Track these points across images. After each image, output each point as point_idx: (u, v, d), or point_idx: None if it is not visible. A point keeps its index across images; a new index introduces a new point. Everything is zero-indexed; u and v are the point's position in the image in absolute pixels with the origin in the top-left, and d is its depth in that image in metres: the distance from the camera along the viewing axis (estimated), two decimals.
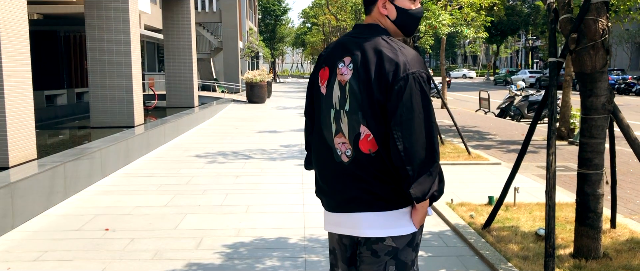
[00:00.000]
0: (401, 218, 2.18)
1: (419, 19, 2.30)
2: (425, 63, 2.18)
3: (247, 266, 4.33)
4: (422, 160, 2.07)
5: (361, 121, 2.15)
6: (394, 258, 2.20)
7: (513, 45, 67.26)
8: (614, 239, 4.85)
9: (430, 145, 2.09)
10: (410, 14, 2.25)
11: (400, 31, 2.28)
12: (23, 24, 8.02)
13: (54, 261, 4.46)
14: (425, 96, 2.10)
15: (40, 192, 5.97)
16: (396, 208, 2.17)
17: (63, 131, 14.58)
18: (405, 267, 2.22)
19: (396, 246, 2.19)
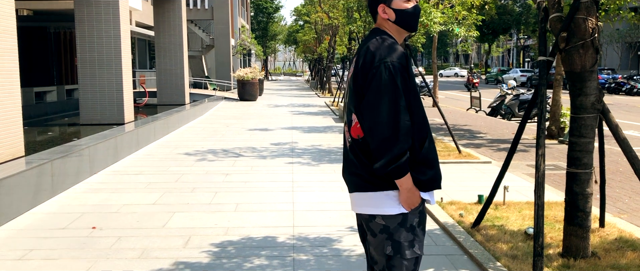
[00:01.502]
0: (388, 199, 2.38)
1: (416, 15, 2.50)
2: (406, 56, 2.40)
3: (235, 265, 4.30)
4: (385, 138, 2.26)
5: (352, 109, 2.44)
6: (389, 238, 2.40)
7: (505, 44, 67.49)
8: (602, 238, 4.86)
9: (395, 126, 2.26)
10: (406, 12, 2.46)
11: (403, 29, 2.50)
12: (10, 19, 7.92)
13: (39, 260, 4.40)
14: (393, 81, 2.30)
15: (26, 190, 5.90)
16: (382, 189, 2.37)
17: (52, 128, 14.46)
18: (400, 247, 2.39)
19: (387, 225, 2.39)
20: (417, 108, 2.38)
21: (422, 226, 2.46)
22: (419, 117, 2.38)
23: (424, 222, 2.48)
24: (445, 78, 60.74)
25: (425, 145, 2.40)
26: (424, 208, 2.49)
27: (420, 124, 2.39)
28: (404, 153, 2.29)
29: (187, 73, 21.04)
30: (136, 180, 7.54)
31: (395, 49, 2.37)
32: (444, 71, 67.89)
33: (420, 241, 2.44)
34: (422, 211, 2.46)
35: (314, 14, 28.09)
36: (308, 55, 48.34)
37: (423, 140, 2.39)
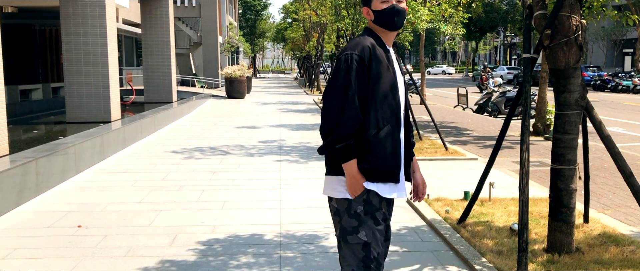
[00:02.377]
0: (339, 183, 2.56)
1: (392, 14, 2.59)
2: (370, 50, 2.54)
3: (221, 263, 4.29)
4: (329, 123, 2.47)
5: None
6: (339, 221, 2.60)
7: (492, 42, 67.84)
8: (586, 234, 4.91)
9: (340, 112, 2.45)
10: (383, 12, 2.58)
11: (383, 28, 2.63)
12: None
13: (23, 259, 4.37)
14: (346, 72, 2.48)
15: (10, 189, 5.85)
16: (337, 174, 2.56)
17: (38, 126, 14.33)
18: (344, 232, 2.56)
19: (338, 208, 2.59)
20: (377, 102, 2.50)
21: (370, 215, 2.53)
22: (378, 109, 2.50)
23: (374, 213, 2.54)
24: (433, 76, 60.95)
25: (380, 134, 2.50)
26: (373, 199, 2.54)
27: (383, 115, 2.51)
28: (343, 139, 2.44)
29: (175, 71, 20.94)
30: (122, 178, 7.50)
31: (361, 43, 2.55)
32: (432, 69, 68.11)
33: (368, 228, 2.51)
34: (369, 202, 2.53)
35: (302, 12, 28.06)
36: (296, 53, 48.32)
37: (375, 132, 2.50)
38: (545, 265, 4.16)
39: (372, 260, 2.51)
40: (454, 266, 4.24)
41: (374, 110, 2.50)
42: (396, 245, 4.72)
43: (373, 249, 2.51)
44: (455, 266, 4.25)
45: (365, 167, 2.49)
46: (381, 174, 2.52)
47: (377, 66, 2.52)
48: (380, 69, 2.52)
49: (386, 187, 2.56)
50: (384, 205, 2.61)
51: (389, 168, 2.54)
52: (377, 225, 2.54)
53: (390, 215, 2.72)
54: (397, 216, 5.56)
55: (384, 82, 2.53)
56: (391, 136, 2.53)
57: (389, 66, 2.57)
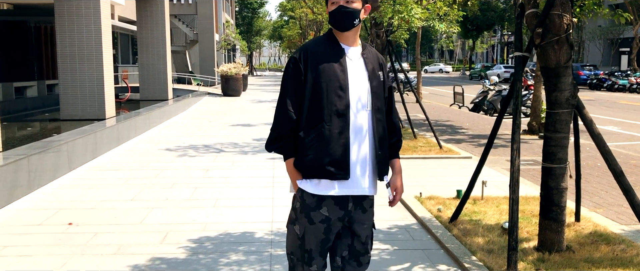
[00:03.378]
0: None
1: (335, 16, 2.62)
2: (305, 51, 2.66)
3: (211, 260, 4.28)
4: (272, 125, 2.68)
5: None
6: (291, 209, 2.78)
7: (489, 40, 67.90)
8: (578, 232, 4.91)
9: (276, 114, 2.65)
10: (330, 14, 2.65)
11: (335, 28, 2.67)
12: None
13: (13, 256, 4.35)
14: (285, 74, 2.66)
15: (2, 186, 5.82)
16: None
17: (32, 124, 14.30)
18: (288, 220, 2.76)
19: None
20: (317, 99, 2.57)
21: (304, 214, 2.63)
22: (311, 109, 2.58)
23: (309, 213, 2.62)
24: (430, 75, 60.98)
25: (311, 133, 2.58)
26: (307, 199, 2.63)
27: (319, 114, 2.57)
28: (277, 139, 2.63)
29: (170, 69, 20.90)
30: (115, 176, 7.48)
31: (303, 46, 2.71)
32: (429, 67, 68.10)
33: (301, 225, 2.65)
34: (304, 201, 2.64)
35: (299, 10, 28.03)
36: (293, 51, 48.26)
37: (308, 132, 2.58)
38: (535, 264, 4.16)
39: (305, 252, 2.67)
40: (444, 265, 4.24)
41: (308, 109, 2.59)
42: (386, 243, 4.72)
43: (306, 243, 2.66)
44: (445, 264, 4.25)
45: (299, 165, 2.61)
46: (314, 171, 2.58)
47: (315, 67, 2.58)
48: (318, 70, 2.58)
49: (322, 184, 2.60)
50: (329, 206, 2.62)
51: (319, 165, 2.56)
52: (311, 224, 2.62)
53: (360, 214, 2.71)
54: (388, 215, 5.56)
55: (322, 82, 2.57)
56: (327, 134, 2.55)
57: (338, 66, 2.60)
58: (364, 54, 2.70)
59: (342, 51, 2.64)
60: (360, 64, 2.67)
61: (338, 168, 2.57)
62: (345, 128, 2.58)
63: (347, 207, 2.66)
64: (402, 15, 8.66)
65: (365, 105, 2.64)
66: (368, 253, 2.79)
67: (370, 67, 2.68)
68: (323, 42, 2.66)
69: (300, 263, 2.71)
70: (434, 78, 51.88)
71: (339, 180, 2.58)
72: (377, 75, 2.70)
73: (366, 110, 2.64)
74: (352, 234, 2.73)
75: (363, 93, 2.64)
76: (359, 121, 2.62)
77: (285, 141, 2.63)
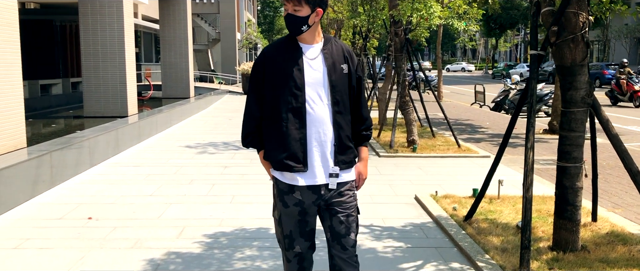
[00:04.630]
0: None
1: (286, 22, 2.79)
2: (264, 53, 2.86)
3: (225, 255, 4.35)
4: None
5: None
6: None
7: (512, 39, 67.14)
8: (594, 232, 4.86)
9: (244, 110, 2.87)
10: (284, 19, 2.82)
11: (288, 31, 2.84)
12: (13, 11, 7.99)
13: (33, 249, 4.47)
14: (250, 75, 2.87)
15: (25, 181, 5.97)
16: None
17: (56, 121, 14.57)
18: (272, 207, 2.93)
19: None
20: (272, 97, 2.75)
21: (279, 198, 2.80)
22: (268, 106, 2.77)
23: (283, 196, 2.78)
24: (452, 73, 60.56)
25: (271, 131, 2.77)
26: (280, 184, 2.79)
27: (275, 112, 2.74)
28: (245, 136, 2.88)
29: (192, 67, 21.10)
30: (135, 172, 7.60)
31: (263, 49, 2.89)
32: (451, 66, 67.63)
33: (278, 209, 2.83)
34: (277, 186, 2.81)
35: None
36: None
37: (270, 126, 2.77)
38: (549, 263, 4.14)
39: (285, 237, 2.84)
40: (457, 263, 4.24)
41: (267, 108, 2.78)
42: (400, 241, 4.73)
43: (284, 226, 2.82)
44: (458, 263, 4.25)
45: (267, 156, 2.82)
46: (276, 164, 2.76)
47: (272, 69, 2.76)
48: (275, 72, 2.75)
49: (282, 174, 2.77)
50: (302, 191, 2.75)
51: (279, 159, 2.73)
52: (285, 208, 2.78)
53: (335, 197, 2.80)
54: (403, 213, 5.58)
55: (277, 81, 2.74)
56: (283, 130, 2.72)
57: (295, 66, 2.74)
58: (325, 50, 2.81)
59: (300, 51, 2.78)
60: (319, 60, 2.79)
61: (296, 162, 2.72)
62: (302, 124, 2.73)
63: (320, 192, 2.77)
64: (421, 13, 8.64)
65: (323, 100, 2.77)
66: (349, 236, 2.82)
67: (330, 62, 2.79)
68: (282, 45, 2.82)
69: (284, 249, 2.87)
70: (456, 77, 51.51)
71: (297, 172, 2.72)
72: (338, 69, 2.81)
73: (324, 104, 2.77)
74: (330, 215, 2.81)
75: (320, 89, 2.77)
76: (318, 115, 2.75)
77: (252, 136, 2.86)
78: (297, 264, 2.87)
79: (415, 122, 9.88)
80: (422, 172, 7.66)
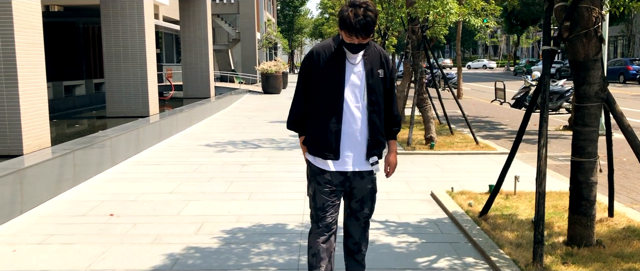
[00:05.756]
0: None
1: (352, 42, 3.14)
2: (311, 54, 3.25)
3: (243, 250, 4.44)
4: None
5: None
6: None
7: (534, 36, 66.38)
8: (610, 227, 4.85)
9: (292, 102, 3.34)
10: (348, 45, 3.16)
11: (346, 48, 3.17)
12: (37, 14, 8.20)
13: (57, 244, 4.61)
14: (299, 72, 3.29)
15: (49, 179, 6.14)
16: None
17: (80, 121, 14.85)
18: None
19: None
20: (315, 93, 3.18)
21: (313, 178, 3.27)
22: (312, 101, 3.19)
23: (316, 176, 3.25)
24: (473, 71, 60.10)
25: (311, 121, 3.21)
26: (313, 166, 3.26)
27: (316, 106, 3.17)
28: (291, 123, 3.34)
29: (212, 67, 21.31)
30: (156, 170, 7.75)
31: (311, 50, 3.27)
32: (472, 63, 67.11)
33: (312, 187, 3.29)
34: (311, 168, 3.29)
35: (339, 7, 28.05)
36: None
37: (310, 118, 3.22)
38: (563, 258, 4.15)
39: (318, 209, 3.28)
40: (470, 258, 4.27)
41: (311, 102, 3.21)
42: (415, 236, 4.78)
43: (317, 201, 3.27)
44: (472, 257, 4.29)
45: (306, 142, 3.27)
46: (313, 150, 3.22)
47: (319, 68, 3.15)
48: (320, 70, 3.15)
49: (316, 159, 3.23)
50: (331, 173, 3.21)
51: (316, 148, 3.19)
52: (319, 185, 3.25)
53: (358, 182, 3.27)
54: (419, 209, 5.62)
55: (321, 81, 3.15)
56: (321, 124, 3.15)
57: (338, 67, 3.13)
58: (365, 55, 3.18)
59: (344, 54, 3.15)
60: (360, 65, 3.17)
61: (329, 151, 3.17)
62: (338, 120, 3.14)
63: (348, 177, 3.24)
64: (438, 10, 8.64)
65: (359, 100, 3.16)
66: (363, 210, 3.35)
67: (368, 67, 3.17)
68: (329, 46, 3.19)
69: (315, 220, 3.31)
70: (476, 74, 51.12)
71: (329, 160, 3.17)
72: (375, 74, 3.20)
73: (361, 104, 3.17)
74: (351, 196, 3.32)
75: (358, 91, 3.16)
76: (354, 113, 3.16)
77: (296, 124, 3.33)
78: (327, 233, 3.29)
79: (433, 119, 9.89)
80: (439, 169, 7.68)
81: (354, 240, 3.44)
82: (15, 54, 7.62)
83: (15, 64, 7.62)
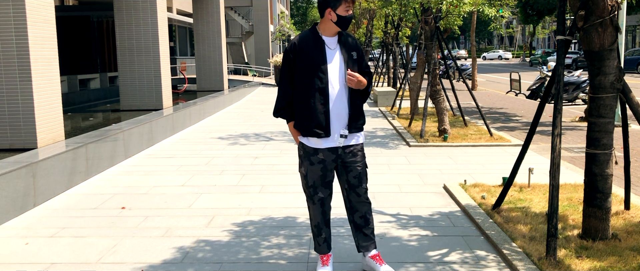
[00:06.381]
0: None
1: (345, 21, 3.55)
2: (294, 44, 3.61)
3: (253, 243, 4.42)
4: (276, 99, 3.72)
5: None
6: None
7: (550, 26, 65.58)
8: (626, 220, 4.77)
9: (278, 90, 3.67)
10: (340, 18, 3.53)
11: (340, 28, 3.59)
12: (49, 8, 8.23)
13: (69, 237, 4.63)
14: (283, 61, 3.63)
15: (62, 172, 6.18)
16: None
17: (93, 114, 14.95)
18: (298, 165, 3.79)
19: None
20: (299, 81, 3.54)
21: (307, 157, 3.63)
22: (299, 86, 3.54)
23: (309, 157, 3.62)
24: (489, 62, 59.58)
25: (299, 106, 3.57)
26: (306, 147, 3.62)
27: (300, 92, 3.55)
28: (278, 110, 3.68)
29: (225, 60, 21.32)
30: (168, 163, 7.77)
31: (292, 41, 3.62)
32: (487, 54, 66.53)
33: (304, 166, 3.67)
34: (303, 148, 3.65)
35: None
36: None
37: (298, 102, 3.57)
38: (577, 251, 4.08)
39: (309, 187, 3.71)
40: (482, 251, 4.22)
41: (298, 87, 3.56)
42: (426, 229, 4.73)
43: (309, 179, 3.68)
44: (484, 250, 4.23)
45: (297, 126, 3.62)
46: (305, 131, 3.58)
47: (302, 57, 3.53)
48: (303, 58, 3.52)
49: (308, 140, 3.59)
50: (323, 153, 3.59)
51: (309, 127, 3.54)
52: (311, 165, 3.63)
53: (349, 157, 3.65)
54: (431, 202, 5.56)
55: (305, 67, 3.51)
56: (312, 105, 3.51)
57: (319, 54, 3.51)
58: (341, 41, 3.59)
59: (322, 42, 3.55)
60: (336, 50, 3.58)
61: (320, 129, 3.54)
62: (325, 101, 3.53)
63: (337, 152, 3.62)
64: (451, 0, 8.54)
65: (341, 82, 3.57)
66: (361, 185, 3.69)
67: (344, 51, 3.58)
68: (308, 36, 3.58)
69: (309, 196, 3.71)
70: (492, 65, 50.67)
71: (322, 138, 3.55)
72: (350, 56, 3.60)
73: (342, 84, 3.57)
74: (346, 171, 3.67)
75: (339, 73, 3.56)
76: (338, 94, 3.56)
77: (284, 110, 3.66)
78: (321, 206, 3.72)
79: (447, 111, 9.80)
80: (453, 161, 7.61)
81: (360, 214, 3.73)
82: (29, 48, 7.66)
83: (28, 58, 7.65)
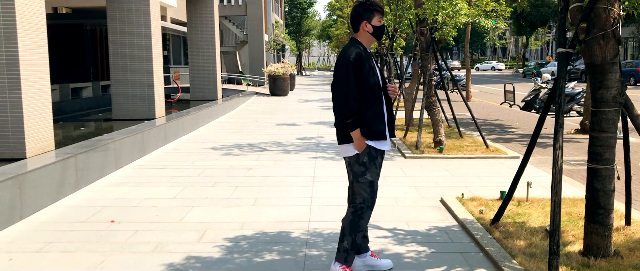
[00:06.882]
0: (350, 147, 3.83)
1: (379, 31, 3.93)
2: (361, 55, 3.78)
3: (245, 260, 4.29)
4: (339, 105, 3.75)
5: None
6: (351, 169, 3.89)
7: (543, 37, 65.88)
8: (628, 237, 4.67)
9: (343, 98, 3.72)
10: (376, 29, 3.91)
11: (376, 39, 4.00)
12: (40, 16, 8.11)
13: (56, 252, 4.48)
14: (343, 67, 3.73)
15: (50, 184, 6.03)
16: (348, 142, 3.83)
17: (85, 123, 14.79)
18: (356, 175, 3.85)
19: (350, 161, 3.88)
20: (367, 89, 3.75)
21: (372, 161, 3.83)
22: (367, 94, 3.75)
23: (375, 159, 3.84)
24: (482, 73, 59.70)
25: (369, 112, 3.76)
26: (372, 151, 3.82)
27: (368, 99, 3.76)
28: (350, 115, 3.72)
29: (219, 69, 21.21)
30: (160, 174, 7.62)
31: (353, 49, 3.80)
32: (481, 65, 66.69)
33: (371, 172, 3.83)
34: (371, 153, 3.82)
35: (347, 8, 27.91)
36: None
37: (367, 109, 3.76)
38: (579, 269, 3.97)
39: (375, 192, 3.87)
40: (482, 269, 4.10)
41: (365, 95, 3.75)
42: (424, 245, 4.61)
43: (375, 184, 3.86)
44: (484, 268, 4.12)
45: (365, 132, 3.77)
46: (374, 135, 3.79)
47: (364, 65, 3.76)
48: (366, 67, 3.76)
49: (379, 143, 3.82)
50: (380, 155, 3.88)
51: (378, 131, 3.79)
52: (376, 169, 3.87)
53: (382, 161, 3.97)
54: (428, 216, 5.45)
55: (370, 75, 3.77)
56: (377, 110, 3.79)
57: (372, 64, 3.82)
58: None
59: (370, 53, 3.87)
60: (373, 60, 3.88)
61: (385, 131, 3.84)
62: (381, 104, 3.84)
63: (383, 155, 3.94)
64: (447, 11, 8.48)
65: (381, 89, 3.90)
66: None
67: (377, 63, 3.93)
68: (362, 49, 3.82)
69: (369, 205, 3.84)
70: (485, 76, 50.78)
71: (386, 139, 3.86)
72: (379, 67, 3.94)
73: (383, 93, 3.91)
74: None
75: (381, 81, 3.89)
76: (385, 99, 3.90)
77: (354, 117, 3.73)
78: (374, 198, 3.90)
79: (442, 122, 9.71)
80: (449, 174, 7.50)
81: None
82: (19, 57, 7.53)
83: (18, 66, 7.52)
